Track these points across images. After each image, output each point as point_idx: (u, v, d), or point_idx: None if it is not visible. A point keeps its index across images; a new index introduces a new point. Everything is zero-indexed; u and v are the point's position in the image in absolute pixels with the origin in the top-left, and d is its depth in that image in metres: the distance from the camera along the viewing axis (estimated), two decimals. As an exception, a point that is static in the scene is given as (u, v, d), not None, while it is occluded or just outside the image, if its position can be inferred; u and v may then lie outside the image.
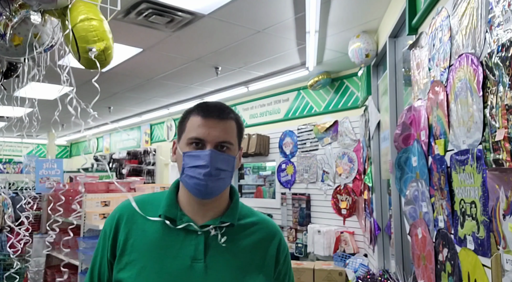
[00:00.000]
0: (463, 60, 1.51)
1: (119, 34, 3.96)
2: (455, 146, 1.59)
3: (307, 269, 4.41)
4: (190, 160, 1.12)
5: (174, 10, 3.40)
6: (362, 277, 3.33)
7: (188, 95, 6.84)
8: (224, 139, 1.13)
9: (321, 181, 5.30)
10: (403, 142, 2.28)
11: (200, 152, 1.11)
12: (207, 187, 1.10)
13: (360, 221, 4.61)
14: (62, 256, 3.77)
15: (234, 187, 1.27)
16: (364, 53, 3.72)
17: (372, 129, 3.84)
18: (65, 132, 11.84)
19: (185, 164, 1.12)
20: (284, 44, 4.25)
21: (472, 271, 1.42)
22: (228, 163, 1.13)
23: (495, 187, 1.24)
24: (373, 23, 3.64)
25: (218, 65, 5.06)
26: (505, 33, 1.19)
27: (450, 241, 1.64)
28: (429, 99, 1.94)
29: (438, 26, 1.84)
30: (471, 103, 1.42)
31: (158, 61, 4.86)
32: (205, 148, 1.11)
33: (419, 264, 2.08)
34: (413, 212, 2.18)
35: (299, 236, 5.49)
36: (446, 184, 1.68)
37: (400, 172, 2.31)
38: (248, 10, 3.39)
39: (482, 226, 1.34)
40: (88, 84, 5.67)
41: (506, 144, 1.15)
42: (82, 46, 1.62)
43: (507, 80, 1.16)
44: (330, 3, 3.23)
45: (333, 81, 5.28)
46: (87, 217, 3.38)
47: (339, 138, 5.09)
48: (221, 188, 1.15)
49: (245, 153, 6.15)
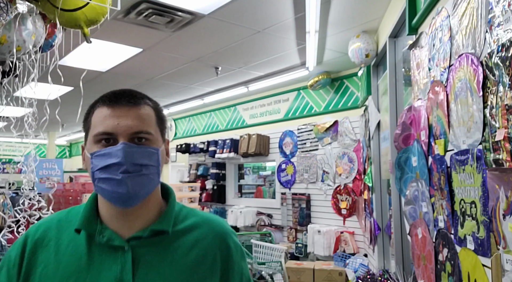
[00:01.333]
0: (463, 60, 1.51)
1: (119, 34, 3.96)
2: (455, 146, 1.59)
3: (307, 269, 4.41)
4: (100, 160, 0.89)
5: (174, 10, 3.40)
6: (362, 277, 3.33)
7: (188, 95, 6.84)
8: (140, 129, 0.91)
9: (321, 181, 5.30)
10: (403, 142, 2.28)
11: (110, 148, 0.88)
12: (127, 187, 0.87)
13: (360, 221, 4.61)
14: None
15: (167, 185, 1.04)
16: (364, 53, 3.72)
17: (372, 129, 3.84)
18: (65, 132, 11.84)
19: (94, 167, 0.89)
20: (284, 44, 4.25)
21: (472, 271, 1.42)
22: (150, 156, 0.91)
23: (495, 187, 1.24)
24: (373, 23, 3.64)
25: (218, 65, 5.06)
26: (505, 33, 1.18)
27: (450, 241, 1.64)
28: (429, 99, 1.94)
29: (438, 26, 1.84)
30: (471, 103, 1.42)
31: (158, 61, 4.86)
32: (117, 143, 0.89)
33: (419, 264, 2.08)
34: (413, 212, 2.18)
35: (299, 236, 5.49)
36: (446, 184, 1.68)
37: (400, 172, 2.31)
38: (248, 10, 3.39)
39: (482, 226, 1.34)
40: (88, 84, 5.68)
41: (506, 144, 1.15)
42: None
43: (507, 80, 1.16)
44: (330, 3, 3.23)
45: (333, 81, 5.28)
46: (87, 217, 3.38)
47: (339, 138, 5.09)
48: (146, 188, 0.91)
49: (245, 153, 6.16)
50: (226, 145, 6.56)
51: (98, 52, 4.51)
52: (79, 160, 13.54)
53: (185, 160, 8.04)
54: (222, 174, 7.01)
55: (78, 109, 1.70)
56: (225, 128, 7.29)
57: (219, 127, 7.46)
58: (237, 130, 6.86)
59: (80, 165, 13.08)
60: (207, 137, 7.39)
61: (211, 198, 6.94)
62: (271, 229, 5.78)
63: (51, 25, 2.17)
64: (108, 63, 4.97)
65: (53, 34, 2.23)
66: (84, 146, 0.96)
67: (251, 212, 6.16)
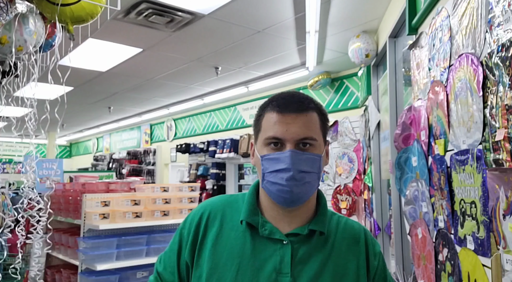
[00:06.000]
0: (463, 60, 1.51)
1: (119, 34, 3.96)
2: (455, 146, 1.59)
3: (307, 269, 4.40)
4: (269, 163, 0.99)
5: (174, 10, 3.40)
6: (362, 277, 3.33)
7: (188, 95, 6.84)
8: (306, 136, 0.98)
9: (321, 181, 5.30)
10: (403, 141, 2.28)
11: (279, 153, 0.98)
12: (292, 193, 0.96)
13: (360, 221, 4.61)
14: (62, 256, 3.77)
15: (320, 190, 1.12)
16: (364, 53, 3.72)
17: (372, 129, 3.84)
18: (65, 132, 11.85)
19: (265, 169, 1.00)
20: (284, 44, 4.25)
21: (472, 271, 1.42)
22: (313, 163, 0.99)
23: (495, 187, 1.24)
24: (373, 23, 3.64)
25: (218, 65, 5.06)
26: (505, 33, 1.19)
27: (450, 241, 1.64)
28: (429, 99, 1.94)
29: (438, 26, 1.84)
30: (471, 103, 1.42)
31: (158, 61, 4.86)
32: (285, 148, 0.98)
33: (419, 264, 2.08)
34: (413, 212, 2.18)
35: (299, 236, 5.49)
36: (446, 184, 1.68)
37: (400, 172, 2.31)
38: (248, 10, 3.39)
39: (482, 226, 1.34)
40: (88, 84, 5.69)
41: (506, 144, 1.15)
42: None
43: (507, 80, 1.16)
44: (330, 3, 3.23)
45: (333, 81, 5.28)
46: (87, 217, 3.38)
47: (339, 139, 5.09)
48: (308, 194, 1.01)
49: (245, 153, 6.16)
50: (226, 145, 6.56)
51: (98, 52, 4.51)
52: (79, 160, 13.55)
53: (185, 160, 8.04)
54: (222, 174, 7.01)
55: (78, 109, 1.70)
56: (225, 128, 7.29)
57: (219, 127, 7.46)
58: (237, 130, 6.86)
59: (80, 165, 13.09)
60: (207, 137, 7.39)
61: (211, 198, 6.93)
62: (271, 229, 5.77)
63: (51, 25, 2.17)
64: (108, 63, 4.97)
65: (53, 34, 2.23)
66: (254, 143, 1.08)
67: (251, 212, 6.15)
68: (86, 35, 3.54)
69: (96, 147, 12.53)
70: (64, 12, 1.88)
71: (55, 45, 2.24)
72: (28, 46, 1.96)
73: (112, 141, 11.52)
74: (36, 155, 2.36)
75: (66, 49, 2.45)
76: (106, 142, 11.82)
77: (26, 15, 1.98)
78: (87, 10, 1.94)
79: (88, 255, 3.21)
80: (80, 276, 3.31)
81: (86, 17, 1.97)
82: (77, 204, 3.54)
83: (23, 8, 2.04)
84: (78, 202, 3.53)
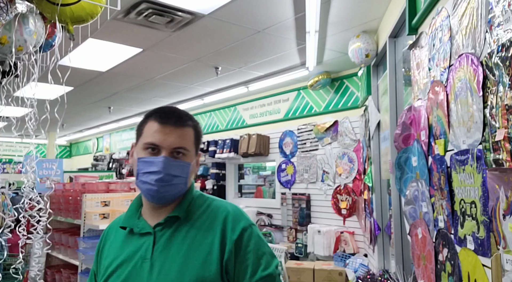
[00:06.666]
0: (463, 60, 1.51)
1: (119, 34, 3.96)
2: (455, 146, 1.59)
3: (307, 269, 4.41)
4: (144, 165, 1.15)
5: (174, 10, 3.40)
6: (362, 277, 3.34)
7: (188, 95, 6.83)
8: (179, 145, 1.16)
9: (321, 181, 5.30)
10: (403, 142, 2.28)
11: (154, 158, 1.14)
12: (158, 192, 1.14)
13: (360, 221, 4.61)
14: (62, 256, 3.77)
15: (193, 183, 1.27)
16: (364, 53, 3.72)
17: (372, 129, 3.84)
18: (65, 132, 11.84)
19: (139, 170, 1.17)
20: (284, 44, 4.25)
21: (472, 271, 1.42)
22: (182, 169, 1.17)
23: (495, 187, 1.24)
24: (373, 23, 3.64)
25: (218, 65, 5.06)
26: (505, 33, 1.19)
27: (450, 241, 1.64)
28: (429, 99, 1.94)
29: (438, 26, 1.84)
30: (471, 103, 1.42)
31: (158, 61, 4.86)
32: (160, 154, 1.15)
33: (419, 264, 2.08)
34: (413, 212, 2.18)
35: (299, 236, 5.49)
36: (446, 184, 1.68)
37: (400, 172, 2.31)
38: (248, 10, 3.39)
39: (482, 226, 1.34)
40: (88, 84, 5.68)
41: (506, 144, 1.15)
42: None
43: (507, 80, 1.16)
44: (330, 3, 3.23)
45: (333, 81, 5.28)
46: (87, 217, 3.38)
47: (339, 138, 5.09)
48: (175, 194, 1.18)
49: (245, 153, 6.15)
50: (226, 144, 6.56)
51: (98, 52, 4.51)
52: (79, 160, 13.54)
53: (185, 160, 8.03)
54: (222, 174, 7.00)
55: (78, 109, 1.70)
56: (225, 128, 7.29)
57: (219, 127, 7.45)
58: (237, 130, 6.86)
59: (80, 165, 13.09)
60: (207, 137, 7.39)
61: (211, 198, 6.93)
62: (271, 229, 5.78)
63: (51, 25, 2.17)
64: (108, 63, 4.97)
65: (53, 34, 2.23)
66: (134, 145, 1.24)
67: (251, 212, 6.15)
68: (86, 35, 3.54)
69: (96, 147, 12.52)
70: (64, 12, 1.88)
71: (55, 45, 2.24)
72: (28, 46, 1.96)
73: (112, 141, 11.52)
74: (36, 155, 2.36)
75: (66, 49, 2.46)
76: (106, 142, 11.82)
77: (26, 15, 1.98)
78: (87, 10, 1.94)
79: (88, 255, 3.21)
80: (80, 276, 3.31)
81: (86, 17, 1.97)
82: (77, 204, 3.54)
83: (23, 8, 2.04)
84: (78, 202, 3.53)
